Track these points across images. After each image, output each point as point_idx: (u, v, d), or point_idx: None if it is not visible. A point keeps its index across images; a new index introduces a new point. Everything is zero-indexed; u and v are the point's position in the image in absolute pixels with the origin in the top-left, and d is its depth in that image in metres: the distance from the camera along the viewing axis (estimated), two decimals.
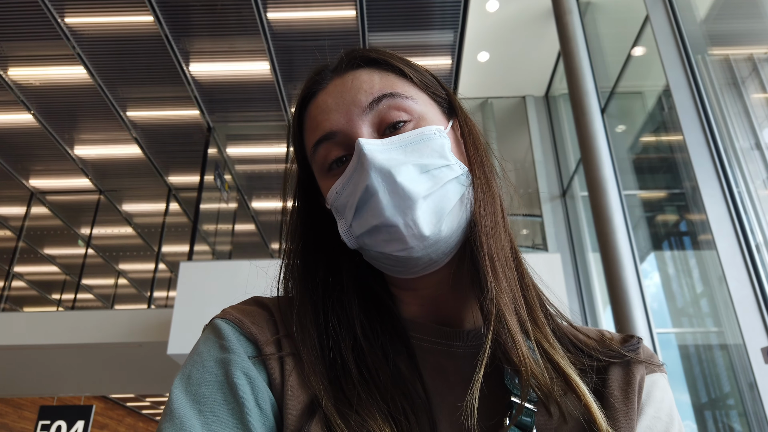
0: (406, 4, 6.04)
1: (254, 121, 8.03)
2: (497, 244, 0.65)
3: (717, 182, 3.87)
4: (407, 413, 0.58)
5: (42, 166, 8.65)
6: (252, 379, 0.58)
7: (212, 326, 0.64)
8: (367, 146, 0.62)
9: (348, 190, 0.64)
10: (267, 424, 0.56)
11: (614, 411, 0.61)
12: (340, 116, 0.66)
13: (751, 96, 4.27)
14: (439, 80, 0.74)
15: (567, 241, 6.93)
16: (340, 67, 0.70)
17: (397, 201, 0.61)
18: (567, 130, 7.32)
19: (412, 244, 0.61)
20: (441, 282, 0.69)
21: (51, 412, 8.14)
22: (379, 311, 0.69)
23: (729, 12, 4.74)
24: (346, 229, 0.66)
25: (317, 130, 0.67)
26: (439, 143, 0.65)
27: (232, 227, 9.84)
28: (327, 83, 0.69)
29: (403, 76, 0.69)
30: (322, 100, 0.68)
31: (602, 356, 0.66)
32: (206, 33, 6.43)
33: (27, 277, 11.76)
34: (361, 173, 0.62)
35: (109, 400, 16.52)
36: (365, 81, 0.67)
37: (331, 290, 0.69)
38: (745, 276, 3.60)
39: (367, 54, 0.70)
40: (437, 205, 0.62)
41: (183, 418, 0.54)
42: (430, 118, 0.68)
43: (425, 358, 0.65)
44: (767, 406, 3.31)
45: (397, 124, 0.65)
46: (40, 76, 6.79)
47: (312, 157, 0.69)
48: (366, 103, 0.65)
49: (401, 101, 0.66)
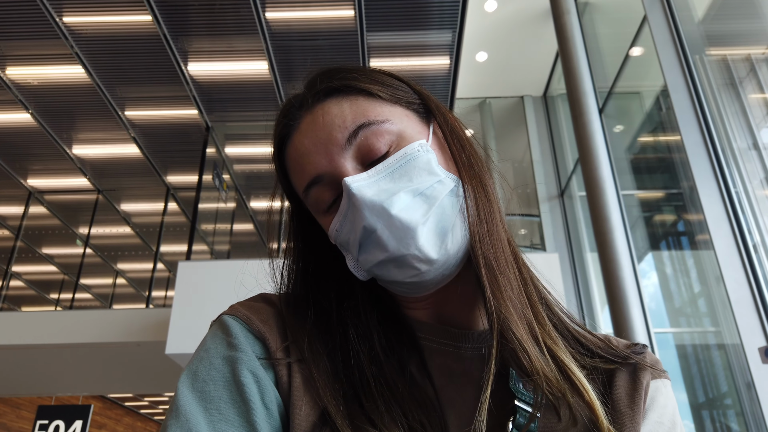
0: (404, 4, 6.04)
1: (253, 120, 8.02)
2: (495, 249, 0.64)
3: (714, 182, 3.88)
4: (424, 425, 0.58)
5: (40, 166, 8.63)
6: (259, 378, 0.58)
7: (220, 322, 0.64)
8: (354, 185, 0.61)
9: (346, 227, 0.64)
10: (273, 424, 0.56)
11: (620, 415, 0.62)
12: (320, 158, 0.64)
13: (749, 96, 4.28)
14: (409, 83, 0.71)
15: (565, 241, 6.94)
16: (306, 102, 0.68)
17: (397, 234, 0.60)
18: (565, 130, 7.33)
19: (423, 269, 0.61)
20: (449, 286, 0.68)
21: (49, 412, 8.12)
22: (387, 315, 0.69)
23: (727, 12, 4.75)
24: (354, 264, 0.65)
25: (303, 175, 0.66)
26: (424, 160, 0.64)
27: (231, 227, 9.84)
28: (299, 123, 0.67)
29: (371, 96, 0.67)
30: (299, 141, 0.66)
31: (608, 355, 0.66)
32: (205, 33, 6.42)
33: (25, 277, 11.74)
34: (354, 212, 0.61)
35: (107, 400, 16.51)
36: (336, 115, 0.65)
37: (344, 298, 0.69)
38: (742, 276, 3.61)
39: (330, 84, 0.67)
40: (438, 225, 0.62)
41: (189, 415, 0.53)
42: (410, 134, 0.65)
43: (432, 359, 0.65)
44: (764, 406, 3.32)
45: (378, 151, 0.64)
46: (38, 76, 6.78)
47: (305, 201, 0.68)
48: (343, 140, 0.63)
49: (377, 127, 0.64)
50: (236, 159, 9.02)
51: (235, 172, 9.14)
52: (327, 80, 0.68)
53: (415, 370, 0.63)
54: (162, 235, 9.54)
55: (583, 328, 0.72)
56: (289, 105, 0.70)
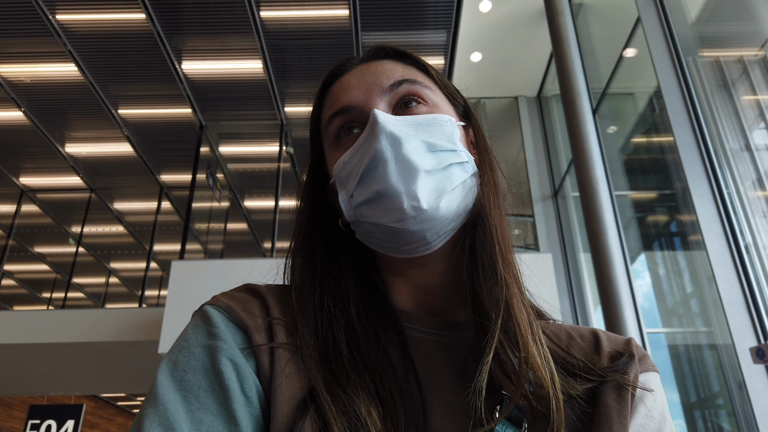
0: (399, 4, 6.04)
1: (247, 119, 8.01)
2: (505, 239, 0.68)
3: (707, 183, 3.90)
4: (394, 395, 0.58)
5: (32, 164, 8.59)
6: (238, 366, 0.57)
7: (201, 312, 0.64)
8: (381, 116, 0.64)
9: (356, 159, 0.66)
10: (252, 412, 0.56)
11: (607, 409, 0.62)
12: (359, 93, 0.69)
13: (741, 98, 4.30)
14: (458, 90, 0.78)
15: (558, 241, 6.96)
16: (367, 56, 0.75)
17: (401, 170, 0.62)
18: (559, 130, 7.35)
19: (408, 214, 0.62)
20: (433, 272, 0.70)
21: (41, 412, 8.09)
22: (374, 297, 0.69)
23: (719, 14, 4.77)
24: (346, 198, 0.67)
25: (335, 103, 0.71)
26: (449, 130, 0.68)
27: (224, 226, 9.82)
28: (352, 68, 0.74)
29: (425, 71, 0.74)
30: (345, 80, 0.72)
31: (587, 375, 0.64)
32: (199, 31, 6.41)
33: (17, 276, 11.68)
34: (371, 141, 0.64)
35: (99, 399, 16.43)
36: (389, 68, 0.71)
37: (328, 270, 0.70)
38: (734, 276, 3.63)
39: (394, 47, 0.75)
40: (439, 183, 0.64)
41: (167, 404, 0.53)
42: (444, 109, 0.71)
43: (417, 348, 0.66)
44: (756, 406, 3.34)
45: (411, 101, 0.69)
46: (30, 73, 6.75)
47: (325, 129, 0.72)
48: (386, 85, 0.69)
49: (420, 88, 0.70)
50: (230, 158, 9.00)
51: (229, 171, 9.12)
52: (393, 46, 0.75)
53: (396, 355, 0.64)
54: (155, 234, 9.51)
55: (570, 327, 0.73)
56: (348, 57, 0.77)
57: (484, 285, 0.65)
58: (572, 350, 0.68)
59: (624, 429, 0.61)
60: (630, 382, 0.64)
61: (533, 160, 7.47)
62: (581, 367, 0.64)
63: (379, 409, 0.57)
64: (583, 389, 0.62)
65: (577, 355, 0.66)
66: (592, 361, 0.66)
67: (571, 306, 6.43)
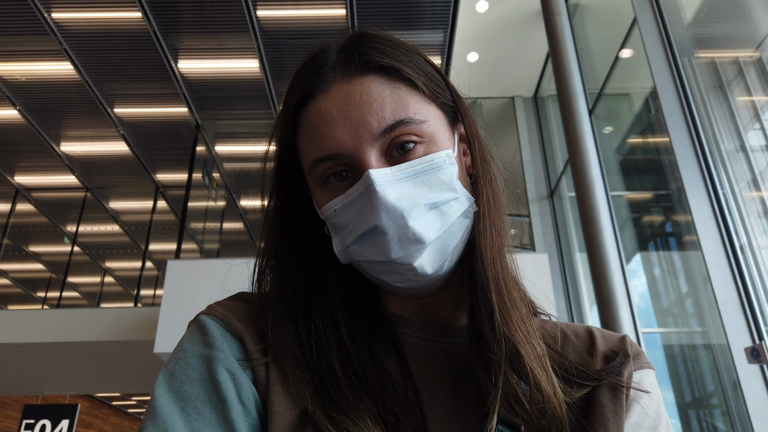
0: (395, 4, 6.04)
1: (243, 119, 7.99)
2: (504, 271, 0.65)
3: (702, 184, 3.91)
4: (397, 414, 0.57)
5: (28, 163, 8.56)
6: (235, 375, 0.57)
7: (197, 322, 0.63)
8: (378, 180, 0.58)
9: (349, 214, 0.61)
10: (250, 421, 0.56)
11: (603, 408, 0.61)
12: (346, 137, 0.60)
13: (737, 99, 4.31)
14: (446, 80, 0.69)
15: (554, 241, 6.97)
16: (344, 67, 0.63)
17: (406, 244, 0.59)
18: (555, 131, 7.36)
19: (413, 280, 0.62)
20: (431, 292, 0.68)
21: (35, 411, 8.06)
22: (365, 307, 0.68)
23: (715, 15, 4.78)
24: (341, 248, 0.64)
25: (320, 146, 0.61)
26: (448, 173, 0.62)
27: (220, 225, 9.80)
28: (329, 86, 0.62)
29: (414, 88, 0.63)
30: (325, 108, 0.61)
31: (582, 381, 0.64)
32: (195, 30, 6.39)
33: (12, 275, 11.63)
34: (368, 207, 0.59)
35: (94, 399, 16.38)
36: (376, 99, 0.60)
37: (314, 291, 0.66)
38: (729, 277, 3.64)
39: (377, 59, 0.62)
40: (444, 244, 0.62)
41: (165, 416, 0.53)
42: (440, 141, 0.63)
43: (413, 354, 0.65)
44: (750, 405, 3.35)
45: (407, 145, 0.61)
46: (26, 72, 6.72)
47: (309, 171, 0.64)
48: (377, 131, 0.60)
49: (414, 127, 0.61)
50: (226, 157, 8.99)
51: (225, 170, 9.11)
52: (373, 53, 0.63)
53: (393, 365, 0.63)
54: (151, 234, 9.49)
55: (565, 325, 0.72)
56: (319, 61, 0.65)
57: (484, 311, 0.63)
58: (567, 351, 0.67)
59: (619, 428, 0.60)
60: (624, 383, 0.64)
61: (529, 160, 7.48)
62: (576, 373, 0.63)
63: (384, 430, 0.56)
64: (579, 396, 0.62)
65: (572, 356, 0.65)
66: (586, 363, 0.65)
67: (566, 306, 6.44)
